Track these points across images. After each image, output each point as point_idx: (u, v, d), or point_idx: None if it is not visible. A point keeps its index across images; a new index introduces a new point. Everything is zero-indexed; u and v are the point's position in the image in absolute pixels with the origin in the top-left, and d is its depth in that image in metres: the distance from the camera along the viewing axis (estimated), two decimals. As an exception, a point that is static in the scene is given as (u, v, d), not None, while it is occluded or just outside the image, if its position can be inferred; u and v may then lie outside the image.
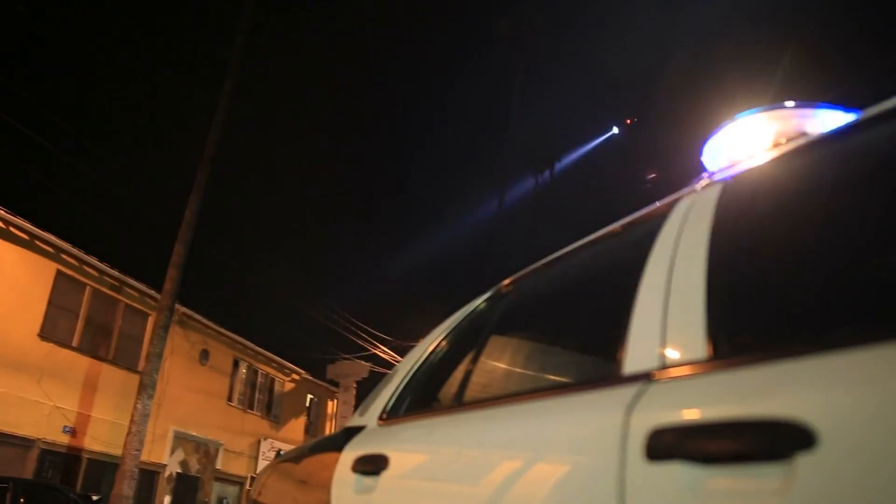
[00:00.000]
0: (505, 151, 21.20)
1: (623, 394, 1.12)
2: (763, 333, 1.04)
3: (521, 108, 21.51)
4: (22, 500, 8.19)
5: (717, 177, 1.45)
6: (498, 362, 1.91)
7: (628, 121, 21.76)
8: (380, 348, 22.00)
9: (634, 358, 1.20)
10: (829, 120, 1.50)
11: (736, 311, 1.11)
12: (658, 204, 1.57)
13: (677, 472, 0.94)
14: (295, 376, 24.55)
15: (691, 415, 0.97)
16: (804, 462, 0.80)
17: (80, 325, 15.32)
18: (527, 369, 1.77)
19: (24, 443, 13.48)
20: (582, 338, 1.60)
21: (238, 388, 21.33)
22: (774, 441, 0.84)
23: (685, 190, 1.51)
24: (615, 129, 21.85)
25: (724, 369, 1.00)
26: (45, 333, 14.28)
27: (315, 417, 26.08)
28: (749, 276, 1.16)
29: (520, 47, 21.15)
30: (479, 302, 2.25)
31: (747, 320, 1.09)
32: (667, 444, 0.97)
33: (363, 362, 23.25)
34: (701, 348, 1.07)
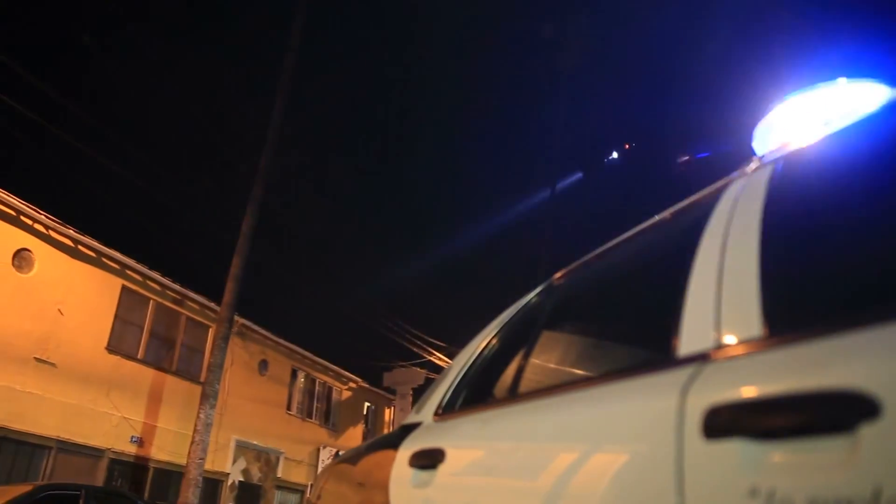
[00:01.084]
0: (555, 150, 21.13)
1: (678, 375, 1.11)
2: (820, 308, 1.02)
3: (568, 109, 21.43)
4: (93, 506, 8.48)
5: (767, 159, 1.42)
6: (552, 353, 1.91)
7: (626, 146, 21.71)
8: (435, 355, 22.09)
9: (689, 340, 1.19)
10: (882, 96, 1.46)
11: (792, 287, 1.09)
12: (708, 189, 1.55)
13: (736, 449, 0.92)
14: (352, 384, 24.80)
15: (749, 391, 0.96)
16: (868, 433, 0.78)
17: (144, 338, 15.81)
18: (581, 359, 1.77)
19: (95, 452, 13.98)
20: (635, 325, 1.58)
21: (297, 397, 21.66)
22: (837, 413, 0.83)
23: (735, 174, 1.49)
24: (615, 154, 21.78)
25: (781, 345, 0.98)
26: (113, 347, 14.79)
27: (372, 425, 26.29)
28: (804, 252, 1.14)
29: (565, 50, 21.14)
30: (531, 296, 2.26)
31: (804, 296, 1.07)
32: (725, 422, 0.96)
33: (419, 369, 23.36)
34: (757, 326, 1.06)
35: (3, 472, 12.07)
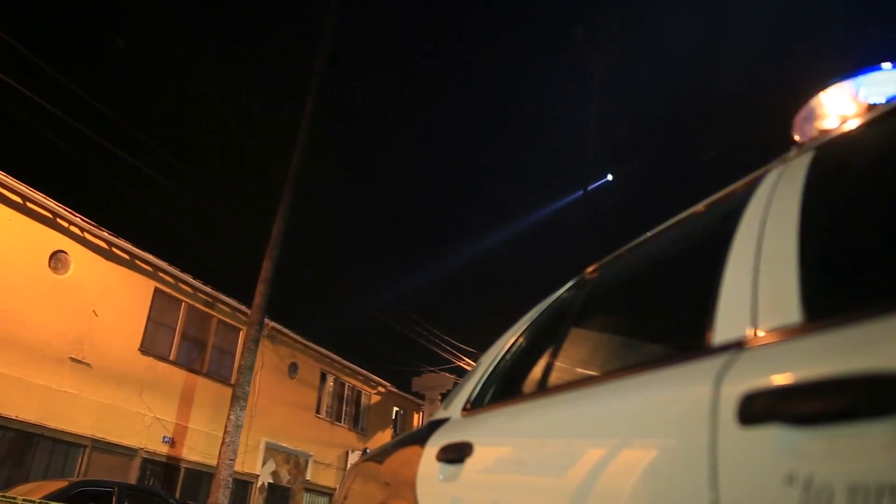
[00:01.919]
0: (587, 148, 21.14)
1: (713, 363, 1.09)
2: (861, 293, 0.99)
3: (599, 106, 21.42)
4: (126, 503, 8.60)
5: (807, 145, 1.39)
6: (583, 347, 1.89)
7: (610, 176, 22.11)
8: (464, 360, 22.05)
9: (723, 328, 1.16)
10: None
11: (832, 273, 1.06)
12: (745, 178, 1.52)
13: (773, 435, 0.89)
14: (381, 389, 24.86)
15: (787, 376, 0.92)
16: None
17: (176, 339, 16.03)
18: (613, 352, 1.75)
19: (128, 451, 14.20)
20: (668, 316, 1.56)
21: (326, 400, 21.76)
22: (879, 396, 0.80)
23: (774, 161, 1.46)
24: (609, 177, 22.17)
25: (821, 330, 0.95)
26: (145, 348, 15.02)
27: (401, 430, 26.29)
28: (844, 238, 1.11)
29: (596, 51, 21.18)
30: (562, 291, 2.23)
31: (845, 281, 1.04)
32: (761, 408, 0.93)
33: (448, 374, 23.35)
34: (795, 312, 1.03)
35: (40, 468, 12.32)
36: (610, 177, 22.03)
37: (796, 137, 1.64)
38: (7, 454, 11.96)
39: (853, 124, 1.33)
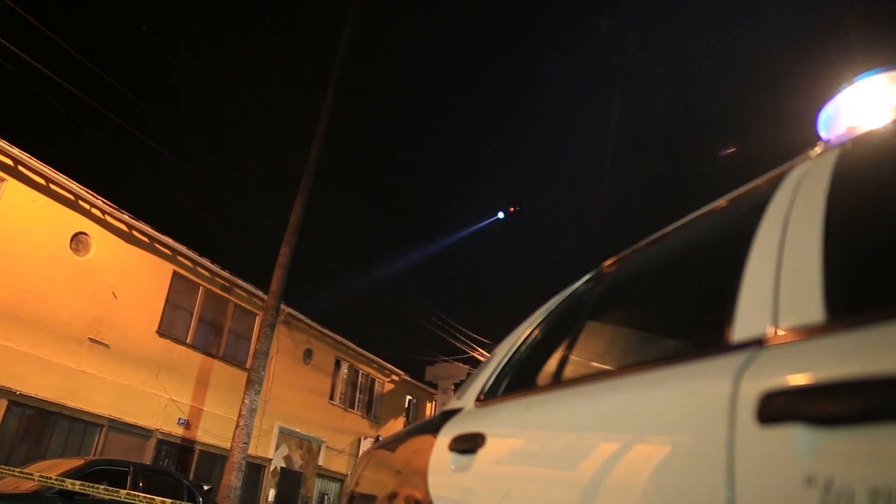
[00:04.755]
0: (605, 146, 21.12)
1: (732, 360, 1.07)
2: (887, 293, 0.97)
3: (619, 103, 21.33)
4: (141, 483, 8.69)
5: (833, 142, 1.36)
6: (599, 340, 1.87)
7: (511, 209, 22.51)
8: (478, 350, 22.08)
9: (744, 325, 1.14)
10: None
11: (857, 271, 1.04)
12: (768, 174, 1.49)
13: (792, 436, 0.88)
14: (394, 377, 24.95)
15: (809, 375, 0.91)
16: None
17: (193, 323, 16.17)
18: (629, 346, 1.73)
19: (144, 432, 14.37)
20: (688, 311, 1.54)
21: (340, 387, 21.88)
22: None
23: (798, 158, 1.43)
24: (500, 215, 22.65)
25: (844, 330, 0.93)
26: (163, 330, 15.16)
27: (414, 418, 26.39)
28: (871, 236, 1.08)
29: (621, 44, 21.08)
30: (578, 284, 2.22)
31: (870, 280, 1.02)
32: (781, 407, 0.91)
33: (461, 364, 23.40)
34: (818, 311, 1.01)
35: (57, 446, 12.52)
36: (501, 214, 22.73)
37: (822, 133, 1.62)
38: (26, 431, 12.14)
39: (880, 121, 1.30)
